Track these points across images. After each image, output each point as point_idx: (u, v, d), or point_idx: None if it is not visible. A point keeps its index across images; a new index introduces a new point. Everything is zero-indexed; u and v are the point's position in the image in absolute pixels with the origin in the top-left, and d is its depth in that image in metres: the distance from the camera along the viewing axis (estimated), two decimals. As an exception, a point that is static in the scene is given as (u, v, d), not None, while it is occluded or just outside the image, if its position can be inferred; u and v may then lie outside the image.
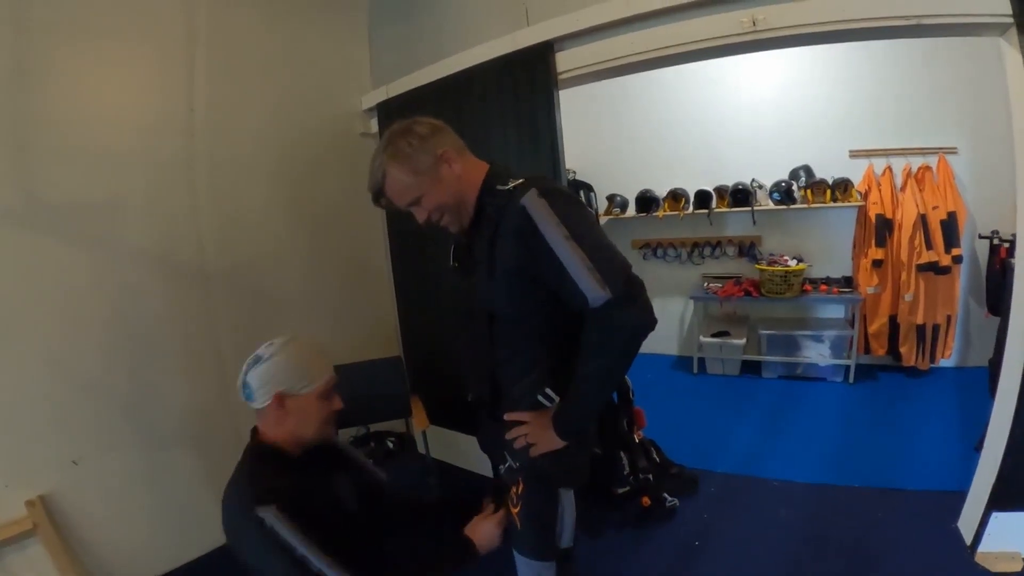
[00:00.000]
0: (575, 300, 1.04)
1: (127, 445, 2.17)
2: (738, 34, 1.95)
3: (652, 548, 2.22)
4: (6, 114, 1.87)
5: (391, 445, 2.48)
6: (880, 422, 3.09)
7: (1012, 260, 2.15)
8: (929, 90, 3.39)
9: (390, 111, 2.90)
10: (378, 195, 1.18)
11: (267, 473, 1.10)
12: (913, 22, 1.76)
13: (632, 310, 1.03)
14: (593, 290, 1.01)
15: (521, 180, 1.12)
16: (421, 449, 2.44)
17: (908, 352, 3.52)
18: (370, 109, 3.05)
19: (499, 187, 1.12)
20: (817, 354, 3.68)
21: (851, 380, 3.62)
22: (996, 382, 1.94)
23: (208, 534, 2.32)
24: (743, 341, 3.87)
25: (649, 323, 1.05)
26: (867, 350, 3.68)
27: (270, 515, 1.00)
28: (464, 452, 2.86)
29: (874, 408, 3.28)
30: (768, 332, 3.80)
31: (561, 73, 2.31)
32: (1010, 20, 1.67)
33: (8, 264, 1.89)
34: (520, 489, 1.22)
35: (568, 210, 1.07)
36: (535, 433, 1.17)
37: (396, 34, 2.98)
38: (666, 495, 2.44)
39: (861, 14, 1.80)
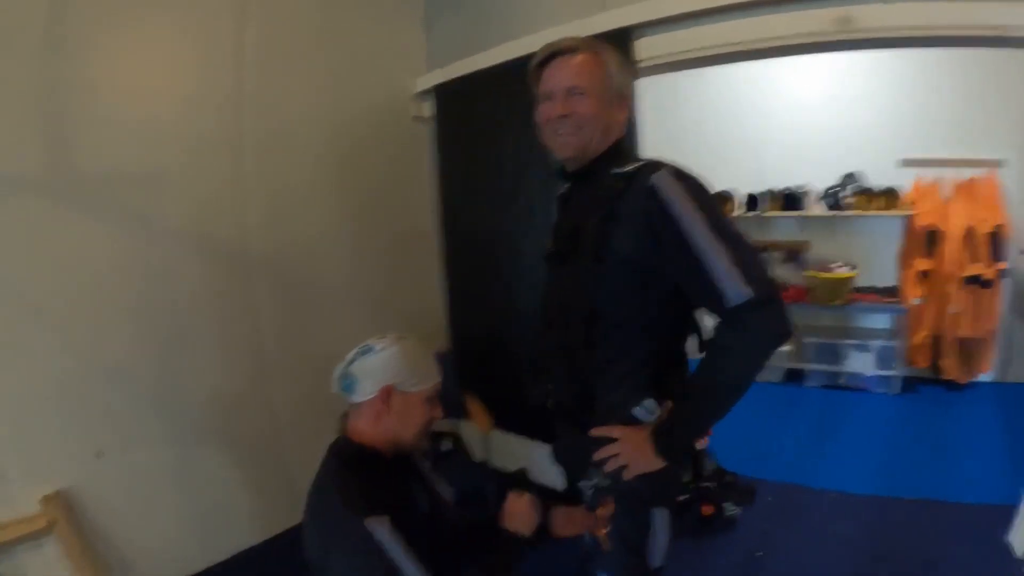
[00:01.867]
0: (707, 298, 1.01)
1: (155, 437, 2.15)
2: (829, 32, 2.15)
3: (717, 558, 2.36)
4: (41, 78, 1.85)
5: (446, 447, 2.54)
6: (926, 435, 3.34)
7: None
8: (979, 102, 3.69)
9: (448, 94, 3.01)
10: (553, 56, 1.15)
11: (368, 480, 1.08)
12: (999, 32, 1.99)
13: (776, 312, 0.99)
14: (735, 287, 0.96)
15: (641, 162, 1.10)
16: (475, 452, 2.51)
17: (950, 365, 3.79)
18: (425, 92, 3.14)
19: (616, 169, 1.10)
20: (862, 364, 3.94)
21: (895, 392, 3.88)
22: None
23: (240, 534, 2.37)
24: (788, 348, 4.08)
25: (790, 328, 1.00)
26: (909, 362, 3.94)
27: (381, 528, 0.98)
28: (522, 458, 2.90)
29: (919, 420, 3.54)
30: (813, 340, 4.05)
31: (639, 61, 2.43)
32: (1093, 35, 1.91)
33: (31, 238, 1.86)
34: (609, 511, 1.17)
35: (705, 196, 1.03)
36: (628, 453, 1.09)
37: (455, 15, 3.09)
38: (727, 504, 2.58)
39: (951, 21, 1.98)
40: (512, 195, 2.81)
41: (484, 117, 2.90)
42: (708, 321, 1.12)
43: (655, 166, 1.06)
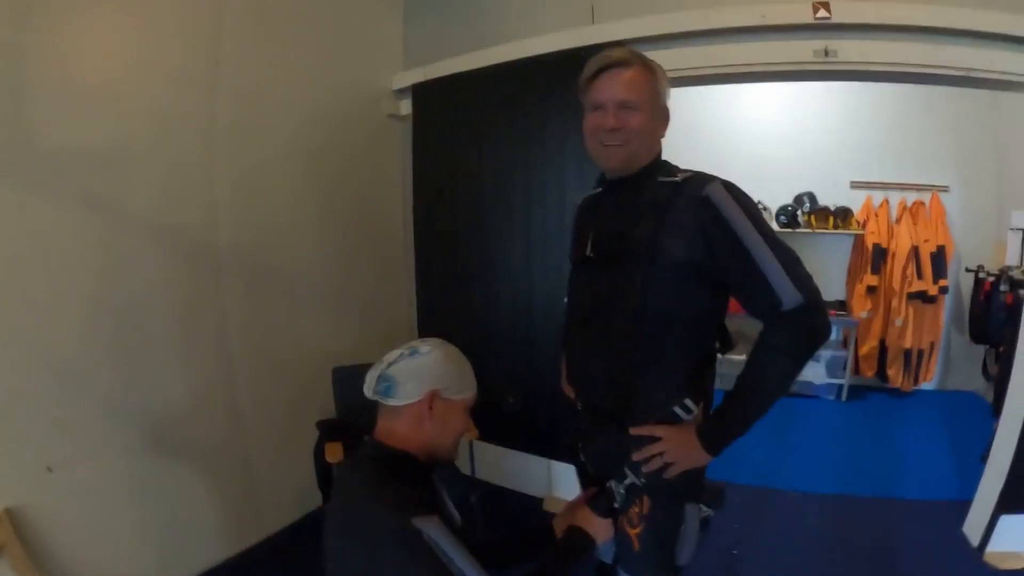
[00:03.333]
0: (760, 301, 1.09)
1: (111, 448, 1.99)
2: (810, 62, 2.29)
3: (697, 556, 2.49)
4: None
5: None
6: (876, 438, 3.65)
7: (1022, 293, 2.67)
8: (927, 132, 4.08)
9: (428, 94, 3.00)
10: (619, 63, 1.17)
11: (410, 483, 1.05)
12: (963, 73, 2.19)
13: (822, 316, 1.09)
14: (788, 292, 1.05)
15: (688, 173, 1.18)
16: (459, 463, 2.52)
17: (895, 374, 4.15)
18: (402, 90, 3.12)
19: (662, 178, 1.17)
20: (813, 373, 4.23)
21: (844, 398, 4.21)
22: (1000, 401, 2.44)
23: (203, 551, 2.28)
24: (744, 357, 4.29)
25: (831, 331, 1.12)
26: (857, 371, 4.28)
27: (431, 526, 0.96)
28: (505, 469, 2.94)
29: (868, 425, 3.86)
30: (757, 350, 4.29)
31: None
32: (1044, 81, 2.14)
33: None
34: (645, 508, 1.20)
35: (752, 208, 1.11)
36: (675, 450, 1.15)
37: (438, 14, 3.08)
38: (702, 505, 2.74)
39: (923, 60, 2.19)
40: (492, 199, 2.84)
41: (465, 120, 2.90)
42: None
43: (706, 178, 1.14)
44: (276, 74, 2.52)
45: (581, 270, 1.33)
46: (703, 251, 1.09)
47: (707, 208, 1.09)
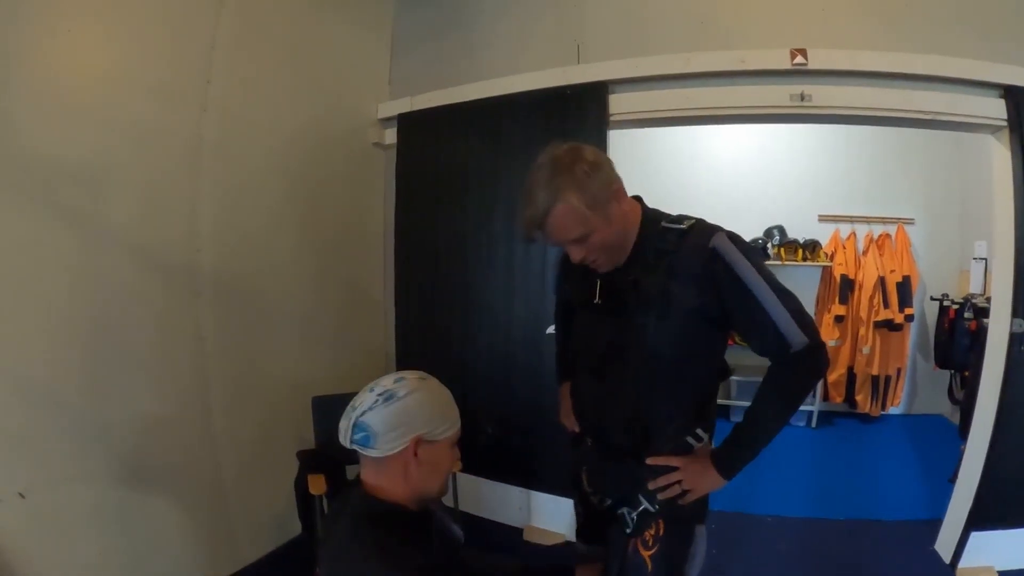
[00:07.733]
0: (770, 344, 1.16)
1: (85, 474, 1.89)
2: (787, 106, 2.36)
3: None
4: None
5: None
6: (847, 462, 3.72)
7: (985, 320, 2.75)
8: (893, 167, 4.25)
9: (413, 124, 3.01)
10: (538, 226, 1.13)
11: (409, 546, 0.99)
12: (931, 116, 2.29)
13: (823, 354, 1.18)
14: (795, 335, 1.13)
15: (691, 220, 1.21)
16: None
17: (863, 400, 4.24)
18: (387, 119, 3.12)
19: (669, 224, 1.20)
20: (784, 401, 4.29)
21: (814, 425, 4.26)
22: (967, 424, 2.50)
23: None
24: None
25: (828, 366, 1.28)
26: (826, 397, 4.36)
27: None
28: (485, 500, 2.90)
29: (839, 449, 3.93)
30: (739, 378, 4.31)
31: (613, 115, 2.55)
32: (1003, 123, 2.23)
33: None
34: (660, 531, 1.26)
35: (755, 256, 1.19)
36: (691, 478, 1.22)
37: (426, 46, 3.09)
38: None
39: (893, 104, 2.30)
40: (475, 231, 2.84)
41: (450, 151, 2.91)
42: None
43: (711, 228, 1.19)
44: (265, 96, 2.50)
45: (586, 314, 1.35)
46: (712, 298, 1.16)
47: (716, 260, 1.15)
